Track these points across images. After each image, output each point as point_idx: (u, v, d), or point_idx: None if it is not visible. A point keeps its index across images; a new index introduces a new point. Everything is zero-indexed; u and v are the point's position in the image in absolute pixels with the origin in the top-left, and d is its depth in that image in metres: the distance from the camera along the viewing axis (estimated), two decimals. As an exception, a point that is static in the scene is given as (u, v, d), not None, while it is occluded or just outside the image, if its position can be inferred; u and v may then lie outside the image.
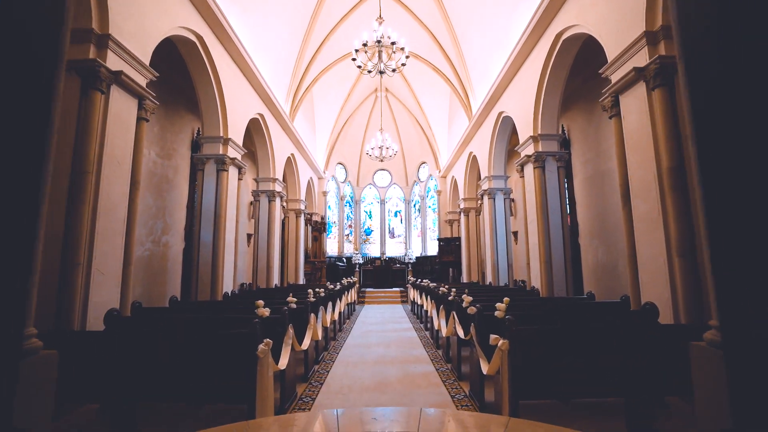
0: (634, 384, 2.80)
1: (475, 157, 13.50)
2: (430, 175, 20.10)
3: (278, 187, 11.73)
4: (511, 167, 13.52)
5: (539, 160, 7.95)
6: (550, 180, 7.92)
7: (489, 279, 11.43)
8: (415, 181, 21.17)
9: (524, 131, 8.55)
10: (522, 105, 8.68)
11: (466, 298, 4.11)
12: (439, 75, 13.87)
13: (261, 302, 3.21)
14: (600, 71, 5.49)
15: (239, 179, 8.72)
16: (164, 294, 8.43)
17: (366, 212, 21.75)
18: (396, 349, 6.85)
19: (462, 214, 15.24)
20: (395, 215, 21.75)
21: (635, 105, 4.80)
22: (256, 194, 11.43)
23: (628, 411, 2.91)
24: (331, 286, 7.65)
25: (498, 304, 3.08)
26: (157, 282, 8.29)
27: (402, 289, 17.10)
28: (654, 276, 4.45)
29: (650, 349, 2.95)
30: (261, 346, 2.83)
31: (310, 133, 16.57)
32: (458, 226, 17.68)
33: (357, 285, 16.98)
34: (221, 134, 7.96)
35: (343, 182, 20.89)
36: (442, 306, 5.90)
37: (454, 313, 4.94)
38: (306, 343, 4.46)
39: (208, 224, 7.72)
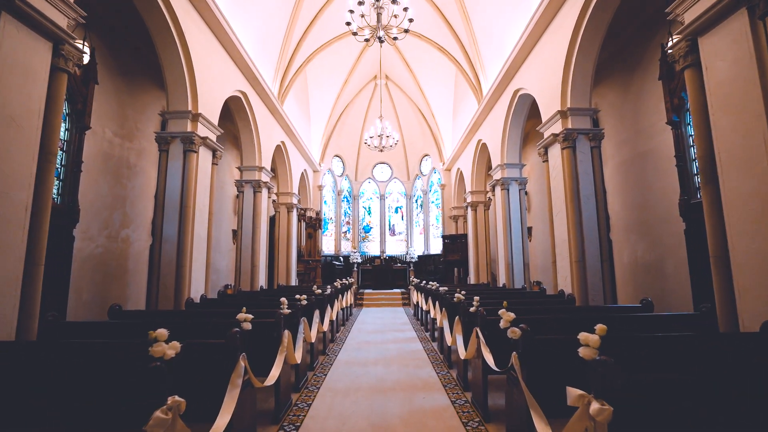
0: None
1: (484, 145, 12.20)
2: (434, 168, 18.80)
3: (265, 177, 10.43)
4: (527, 154, 12.24)
5: (569, 139, 6.65)
6: (582, 163, 6.61)
7: (502, 281, 10.14)
8: (417, 175, 19.87)
9: (549, 107, 7.25)
10: (546, 77, 7.38)
11: (506, 315, 2.79)
12: (444, 54, 12.56)
13: (163, 332, 1.85)
14: (667, 10, 4.18)
15: (214, 164, 7.42)
16: (124, 299, 7.14)
17: (365, 208, 20.45)
18: (398, 368, 5.55)
19: (469, 208, 13.95)
20: (396, 211, 20.45)
21: (728, 45, 3.49)
22: (239, 184, 10.14)
23: None
24: (319, 291, 6.37)
25: (585, 336, 1.79)
26: (116, 285, 7.00)
27: (403, 290, 15.82)
28: (763, 280, 3.15)
29: None
30: (157, 414, 1.54)
31: (303, 122, 15.28)
32: (464, 222, 16.41)
33: (354, 286, 15.70)
34: (189, 108, 6.66)
35: (340, 176, 19.58)
36: (458, 318, 4.61)
37: (478, 330, 3.64)
38: (274, 374, 3.17)
39: (172, 215, 6.42)
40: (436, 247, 18.48)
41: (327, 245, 18.62)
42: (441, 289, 6.21)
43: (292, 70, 11.67)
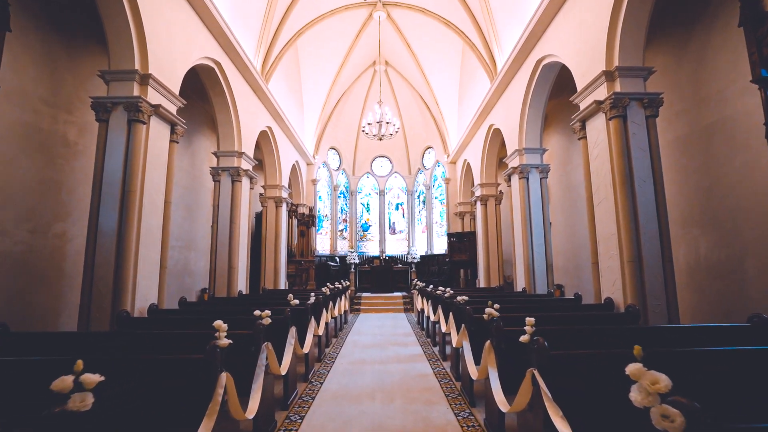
0: None
1: (496, 130, 10.80)
2: (437, 162, 17.36)
3: (245, 164, 9.01)
4: (548, 138, 10.81)
5: (618, 106, 5.22)
6: (636, 136, 5.19)
7: (521, 284, 8.71)
8: (419, 169, 18.42)
9: (588, 70, 5.83)
10: (582, 34, 5.96)
11: (651, 382, 1.24)
12: (450, 29, 11.16)
13: None
14: None
15: (173, 141, 5.99)
16: (56, 312, 5.71)
17: (363, 205, 19.00)
18: (403, 404, 4.12)
19: (478, 203, 12.51)
20: (396, 208, 19.00)
21: None
22: (215, 172, 8.71)
23: None
24: (296, 302, 4.92)
25: None
26: (45, 294, 5.56)
27: (405, 293, 14.41)
28: None
29: None
30: None
31: (295, 109, 13.86)
32: (471, 219, 15.00)
33: (351, 289, 14.29)
34: (136, 67, 5.24)
35: (336, 170, 18.14)
36: (489, 343, 3.17)
37: (537, 374, 2.22)
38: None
39: (111, 202, 5.00)
40: (440, 247, 17.06)
41: (322, 244, 17.19)
42: (459, 298, 4.78)
43: (278, 44, 10.26)
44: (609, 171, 5.35)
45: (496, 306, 3.43)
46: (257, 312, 3.43)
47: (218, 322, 2.46)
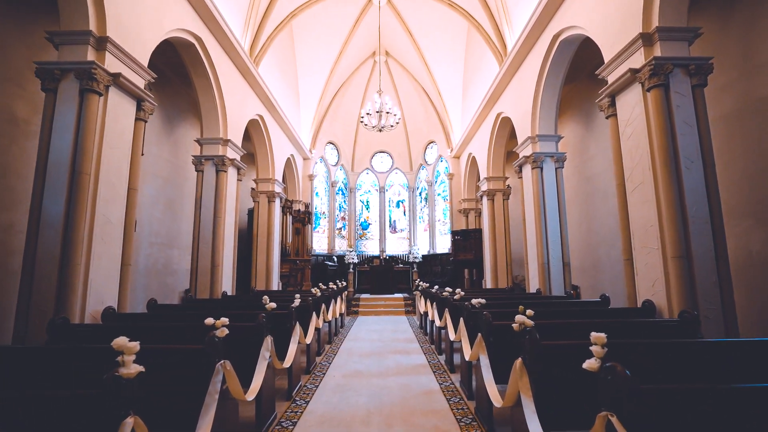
0: None
1: (505, 119, 10.00)
2: (440, 157, 16.55)
3: (232, 153, 8.20)
4: (561, 127, 9.96)
5: (659, 74, 4.41)
6: (680, 109, 4.38)
7: (534, 285, 7.88)
8: (421, 165, 17.61)
9: (619, 36, 5.02)
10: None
11: None
12: (456, 11, 10.33)
13: None
14: None
15: (141, 119, 5.19)
16: (2, 312, 4.91)
17: (362, 202, 18.18)
18: (404, 435, 3.31)
19: (484, 198, 11.69)
20: (397, 206, 18.17)
21: None
22: (198, 161, 7.90)
23: None
24: (272, 306, 4.06)
25: None
26: (-13, 292, 4.78)
27: (406, 294, 13.58)
28: None
29: None
30: None
31: (291, 100, 13.08)
32: (476, 216, 14.20)
33: (350, 289, 13.49)
34: (90, 28, 4.44)
35: (334, 166, 17.33)
36: (520, 361, 2.36)
37: (619, 425, 1.41)
38: None
39: (57, 187, 4.20)
40: (443, 246, 16.25)
41: (319, 243, 16.38)
42: (474, 302, 3.96)
43: (270, 25, 9.46)
44: (647, 151, 4.55)
45: (529, 312, 2.62)
46: (209, 320, 2.62)
47: (120, 340, 1.64)
